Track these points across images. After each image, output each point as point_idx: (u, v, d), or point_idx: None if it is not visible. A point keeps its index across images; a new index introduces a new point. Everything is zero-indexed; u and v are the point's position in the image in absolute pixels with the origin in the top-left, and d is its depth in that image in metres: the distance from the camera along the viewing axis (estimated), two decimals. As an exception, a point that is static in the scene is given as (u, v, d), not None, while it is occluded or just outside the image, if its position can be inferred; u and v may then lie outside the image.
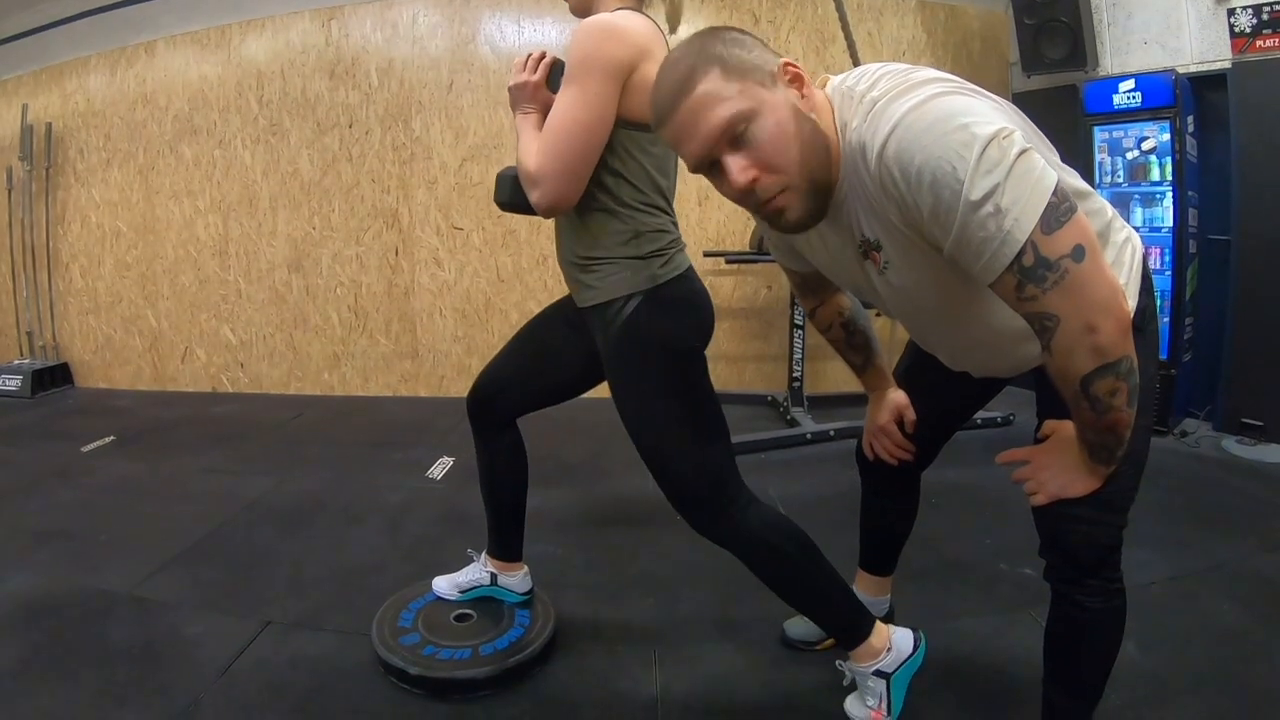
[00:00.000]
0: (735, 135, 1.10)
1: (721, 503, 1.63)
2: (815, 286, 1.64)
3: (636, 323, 1.57)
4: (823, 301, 1.68)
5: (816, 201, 1.16)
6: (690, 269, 1.66)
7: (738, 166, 1.11)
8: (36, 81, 5.22)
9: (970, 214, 0.99)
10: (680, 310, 1.62)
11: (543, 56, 1.60)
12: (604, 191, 1.55)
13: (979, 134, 0.97)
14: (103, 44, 5.04)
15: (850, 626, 1.71)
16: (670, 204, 1.66)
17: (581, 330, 1.72)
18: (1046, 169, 1.01)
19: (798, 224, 1.18)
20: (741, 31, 1.16)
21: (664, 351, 1.60)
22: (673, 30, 1.64)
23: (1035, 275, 1.00)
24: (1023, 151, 0.98)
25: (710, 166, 1.15)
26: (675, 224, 1.66)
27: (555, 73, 1.54)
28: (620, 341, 1.60)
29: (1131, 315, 1.06)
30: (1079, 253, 0.99)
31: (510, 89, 1.62)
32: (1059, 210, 0.99)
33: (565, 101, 1.46)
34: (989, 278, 1.04)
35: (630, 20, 1.48)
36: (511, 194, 1.60)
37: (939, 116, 1.00)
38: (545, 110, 1.55)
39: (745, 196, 1.14)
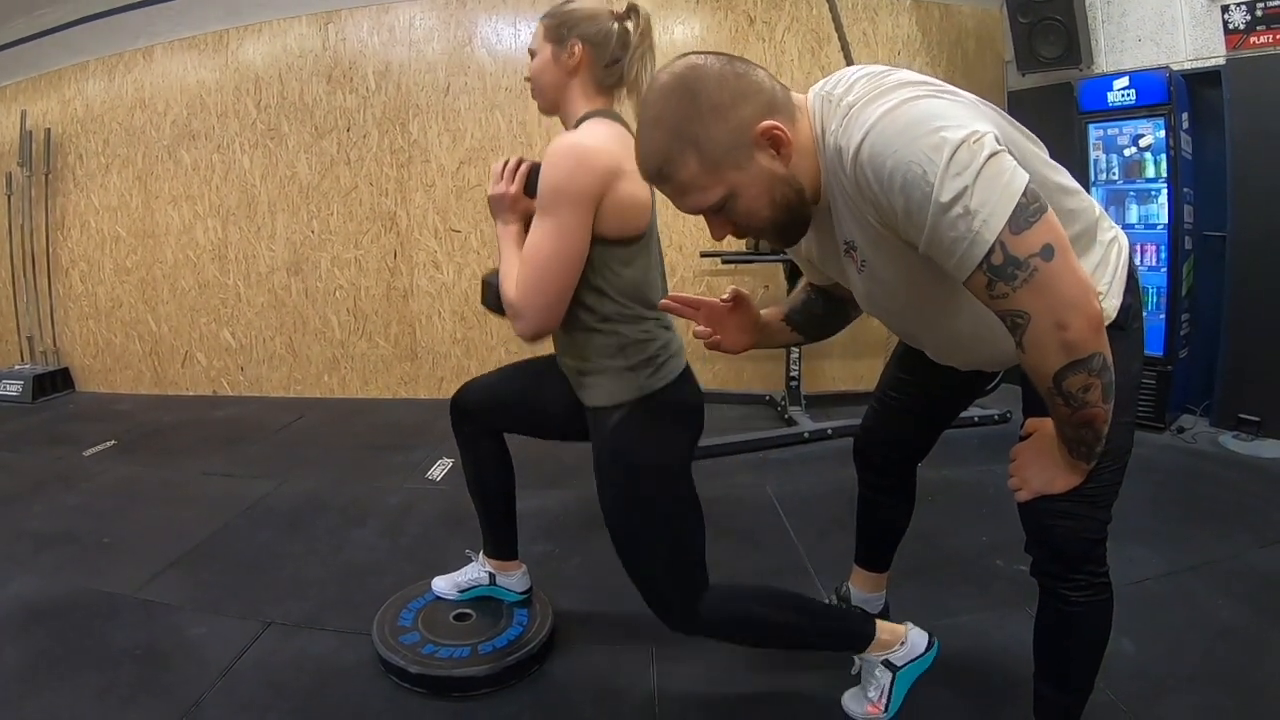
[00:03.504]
0: (714, 210, 1.17)
1: (692, 607, 1.66)
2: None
3: (624, 435, 1.60)
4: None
5: (788, 234, 1.24)
6: (684, 373, 1.67)
7: (716, 224, 1.21)
8: (35, 87, 5.23)
9: (940, 215, 1.02)
10: (669, 420, 1.63)
11: (519, 164, 1.61)
12: (586, 310, 1.57)
13: (949, 138, 1.00)
14: (101, 50, 5.05)
15: (854, 638, 1.74)
16: (658, 308, 1.64)
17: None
18: (1017, 171, 1.03)
19: (778, 248, 1.29)
20: (722, 72, 1.13)
21: (649, 467, 1.61)
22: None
23: (1005, 274, 1.02)
24: (993, 154, 1.01)
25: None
26: (666, 327, 1.65)
27: (533, 178, 1.54)
28: (608, 451, 1.62)
29: (1103, 313, 1.08)
30: (1048, 251, 1.02)
31: (489, 199, 1.63)
32: (1028, 211, 1.01)
33: (539, 233, 1.46)
34: (962, 275, 1.06)
35: (598, 137, 1.48)
36: (496, 300, 1.60)
37: (910, 121, 1.03)
38: (525, 219, 1.57)
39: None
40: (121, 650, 2.06)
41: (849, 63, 3.48)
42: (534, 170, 1.55)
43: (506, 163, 1.62)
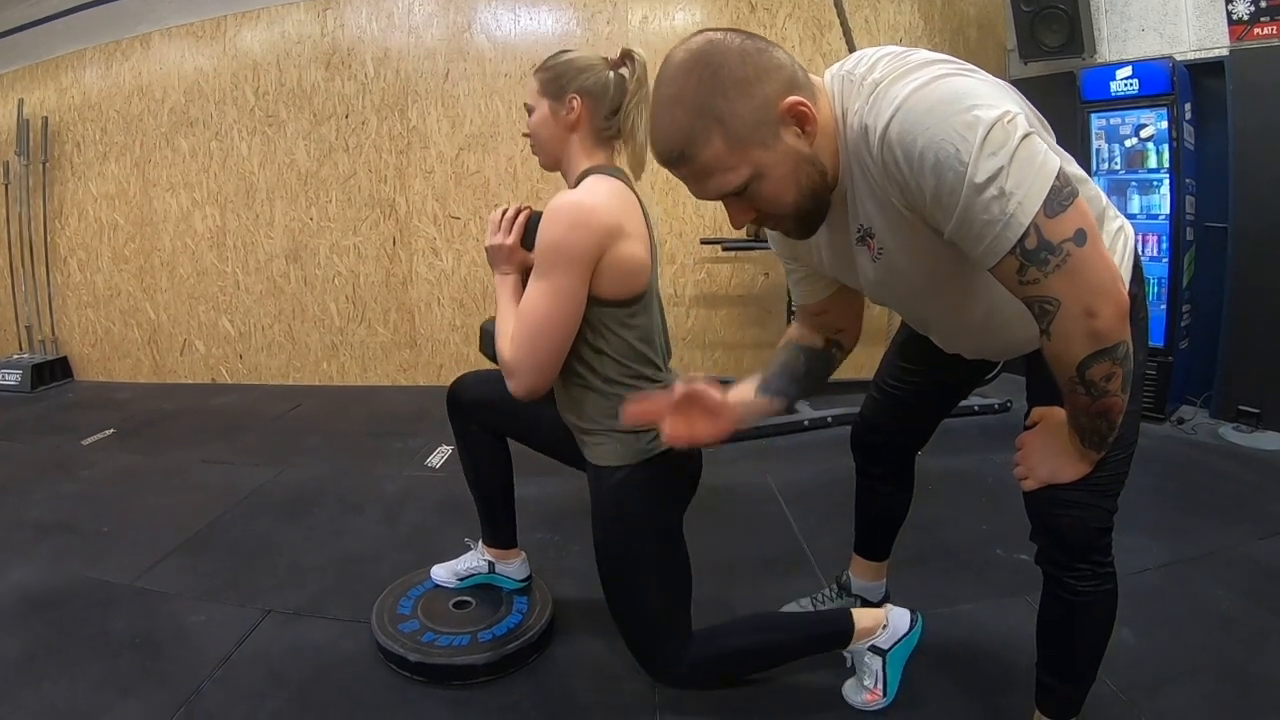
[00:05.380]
0: (738, 193, 1.12)
1: (676, 655, 1.68)
2: (814, 311, 1.57)
3: (622, 498, 1.61)
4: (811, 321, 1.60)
5: (811, 222, 1.20)
6: None
7: (737, 209, 1.16)
8: (32, 75, 5.20)
9: (974, 196, 0.99)
10: (668, 483, 1.65)
11: (517, 214, 1.60)
12: (587, 368, 1.57)
13: (983, 117, 0.97)
14: (98, 37, 5.02)
15: (835, 636, 1.75)
16: (661, 368, 1.65)
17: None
18: (1049, 153, 1.01)
19: (797, 237, 1.24)
20: (742, 47, 1.07)
21: (647, 527, 1.64)
22: (637, 177, 1.63)
23: (1038, 258, 1.00)
24: (1026, 135, 0.98)
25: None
26: (665, 388, 1.62)
27: (531, 228, 1.53)
28: (605, 510, 1.64)
29: (1128, 300, 1.07)
30: (1081, 236, 0.99)
31: (487, 250, 1.63)
32: (1061, 194, 0.99)
33: (535, 293, 1.46)
34: (990, 261, 1.04)
35: (598, 195, 1.47)
36: (494, 349, 1.59)
37: (942, 98, 1.00)
38: (523, 270, 1.56)
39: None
40: (120, 639, 2.06)
41: (851, 50, 3.45)
42: (532, 220, 1.54)
43: (505, 212, 1.61)
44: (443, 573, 2.19)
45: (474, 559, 2.17)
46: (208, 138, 4.96)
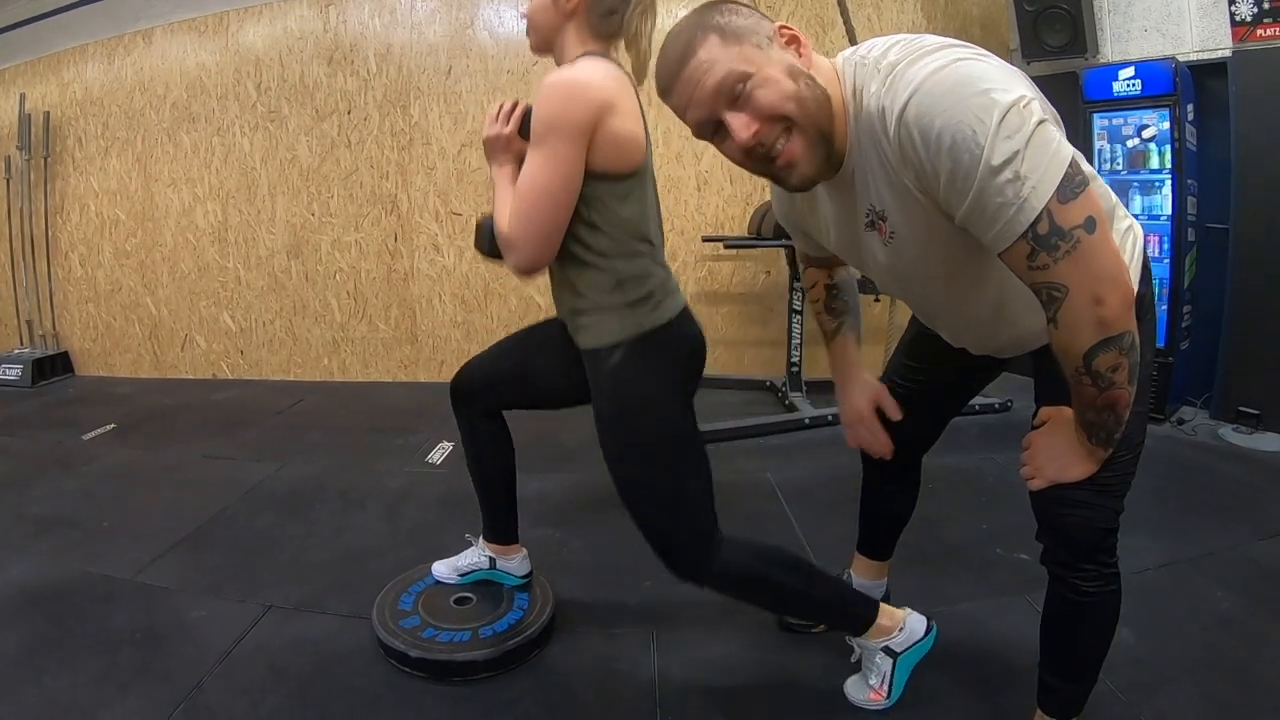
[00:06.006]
0: (734, 94, 1.13)
1: (700, 554, 1.63)
2: (818, 259, 1.65)
3: (623, 376, 1.57)
4: (817, 265, 1.69)
5: (824, 151, 1.17)
6: (683, 313, 1.64)
7: (739, 123, 1.14)
8: (34, 70, 5.20)
9: (989, 179, 1.00)
10: (669, 358, 1.61)
11: (515, 106, 1.60)
12: (580, 245, 1.55)
13: (1000, 100, 0.98)
14: (100, 32, 5.02)
15: (854, 618, 1.74)
16: (655, 247, 1.64)
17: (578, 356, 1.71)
18: (1063, 141, 1.03)
19: (807, 178, 1.20)
20: (738, 2, 1.18)
21: (649, 407, 1.59)
22: (639, 82, 1.62)
23: (1049, 244, 1.01)
24: (1041, 121, 1.00)
25: (715, 129, 1.18)
26: (663, 265, 1.64)
27: (528, 121, 1.52)
28: (607, 393, 1.60)
29: (1135, 290, 1.07)
30: (1091, 224, 1.01)
31: (485, 141, 1.63)
32: (1074, 181, 1.01)
33: (531, 166, 1.45)
34: (1002, 245, 1.05)
35: (592, 73, 1.46)
36: (490, 245, 1.60)
37: (959, 80, 1.01)
38: (519, 160, 1.55)
39: (751, 153, 1.16)
40: (121, 634, 2.07)
41: (853, 49, 3.46)
42: (530, 112, 1.54)
43: (503, 106, 1.61)
44: (443, 569, 2.19)
45: (475, 555, 2.17)
46: (210, 133, 4.96)
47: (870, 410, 1.68)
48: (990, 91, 0.99)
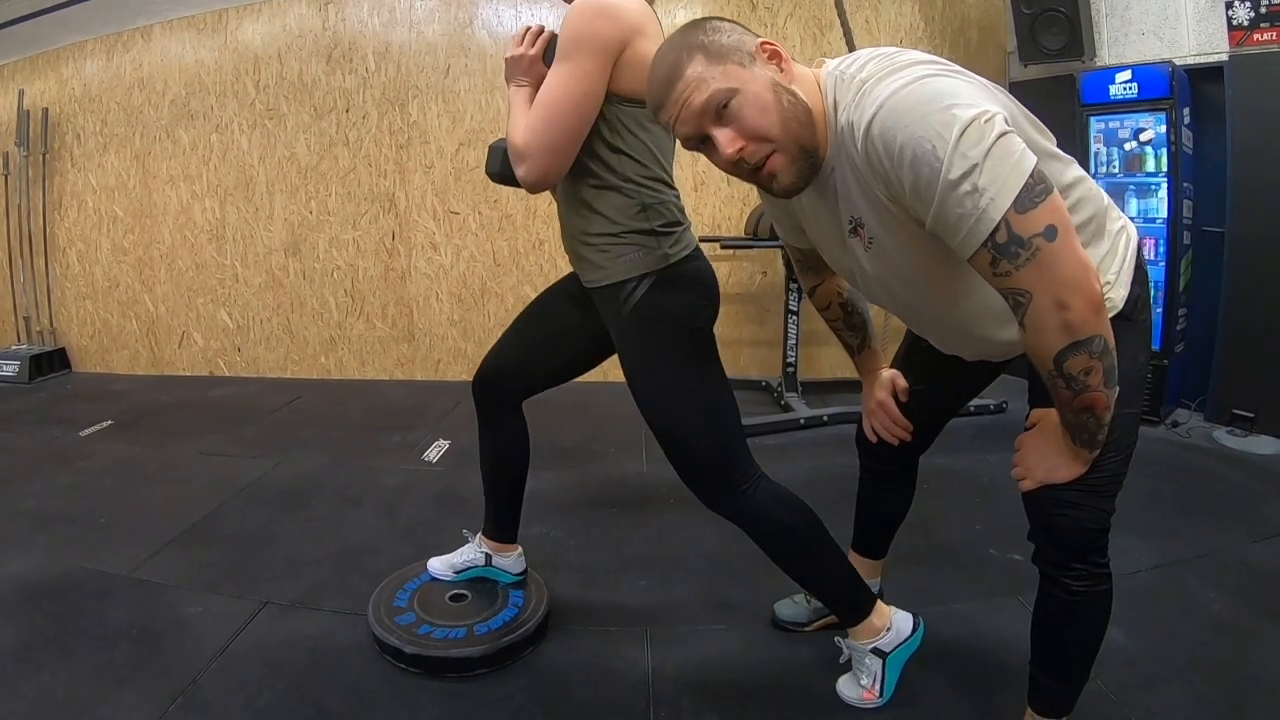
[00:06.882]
0: (719, 111, 1.17)
1: (733, 476, 1.65)
2: (816, 264, 1.66)
3: (649, 305, 1.59)
4: (822, 280, 1.71)
5: (805, 164, 1.22)
6: (699, 248, 1.68)
7: (725, 138, 1.19)
8: (33, 67, 5.19)
9: (948, 192, 1.04)
10: (691, 290, 1.64)
11: (540, 31, 1.61)
12: (606, 169, 1.57)
13: (960, 115, 1.02)
14: (99, 29, 5.01)
15: (853, 604, 1.75)
16: (670, 184, 1.66)
17: (589, 308, 1.73)
18: (1026, 152, 1.05)
19: (789, 188, 1.24)
20: (722, 20, 1.24)
21: (677, 331, 1.62)
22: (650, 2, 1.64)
23: (1008, 252, 1.04)
24: (1003, 134, 1.02)
25: (702, 142, 1.22)
26: (679, 201, 1.67)
27: (552, 48, 1.55)
28: (633, 323, 1.61)
29: (1104, 295, 1.10)
30: (1051, 232, 1.03)
31: (506, 60, 1.63)
32: (1034, 191, 1.03)
33: (555, 78, 1.47)
34: (966, 253, 1.09)
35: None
36: (502, 166, 1.62)
37: (922, 98, 1.05)
38: (539, 84, 1.55)
39: (736, 166, 1.21)
40: (117, 630, 2.07)
41: (851, 50, 3.47)
42: (554, 40, 1.55)
43: (530, 28, 1.62)
44: (439, 565, 2.20)
45: (471, 552, 2.18)
46: (208, 130, 4.96)
47: (889, 398, 1.71)
48: (952, 107, 1.03)
